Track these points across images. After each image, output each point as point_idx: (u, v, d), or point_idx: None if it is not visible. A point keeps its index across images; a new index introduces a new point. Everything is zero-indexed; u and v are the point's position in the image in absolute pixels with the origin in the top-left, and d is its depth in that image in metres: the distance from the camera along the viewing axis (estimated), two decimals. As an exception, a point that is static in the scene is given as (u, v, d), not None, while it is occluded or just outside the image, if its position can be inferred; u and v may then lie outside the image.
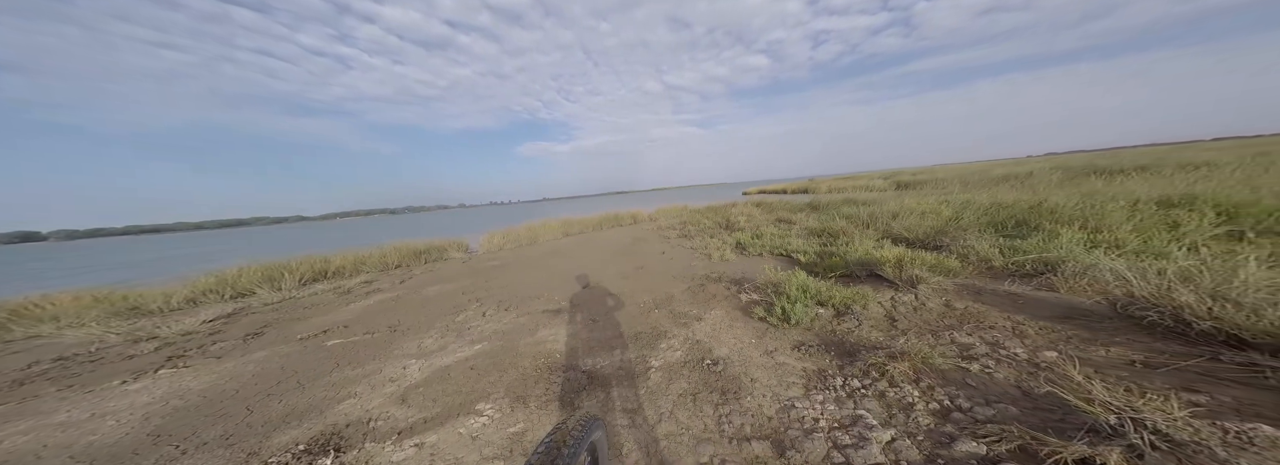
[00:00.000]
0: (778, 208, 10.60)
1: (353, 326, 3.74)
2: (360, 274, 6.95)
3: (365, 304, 4.67)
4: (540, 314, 3.57)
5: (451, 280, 5.64)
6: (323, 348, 3.18)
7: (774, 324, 2.72)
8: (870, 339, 2.35)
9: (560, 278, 5.08)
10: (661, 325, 2.98)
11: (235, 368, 2.86)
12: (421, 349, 2.96)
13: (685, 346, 2.54)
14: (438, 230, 16.32)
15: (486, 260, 7.49)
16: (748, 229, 7.36)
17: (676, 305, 3.44)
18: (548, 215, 13.77)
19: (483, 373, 2.46)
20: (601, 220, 12.48)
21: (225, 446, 1.82)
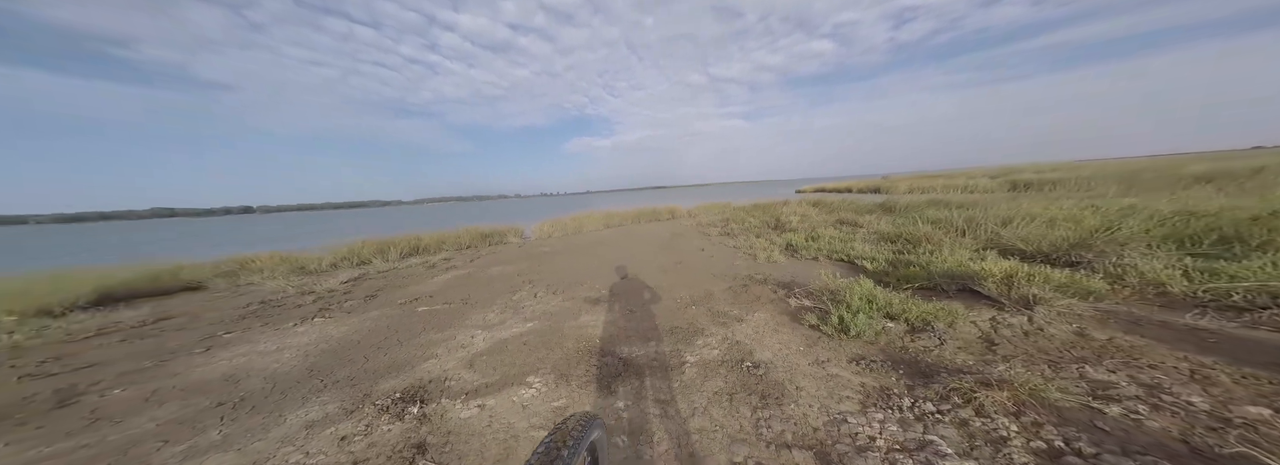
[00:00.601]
0: (839, 208, 9.37)
1: (436, 297, 4.37)
2: (441, 252, 7.94)
3: (445, 278, 5.37)
4: (583, 300, 3.78)
5: (510, 263, 6.18)
6: (414, 313, 3.79)
7: (828, 334, 2.49)
8: (954, 361, 2.05)
9: (602, 267, 5.33)
10: (699, 322, 2.91)
11: (358, 323, 3.52)
12: (485, 322, 3.41)
13: (723, 346, 2.46)
14: (498, 217, 17.45)
15: (538, 246, 8.03)
16: (801, 230, 6.64)
17: (716, 304, 3.30)
18: (590, 207, 14.18)
19: (533, 348, 2.68)
20: (640, 214, 12.55)
21: (350, 386, 2.29)
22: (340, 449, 1.67)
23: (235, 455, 1.64)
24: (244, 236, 19.75)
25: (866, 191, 21.48)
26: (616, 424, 1.75)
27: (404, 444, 1.70)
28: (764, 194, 23.24)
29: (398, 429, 1.81)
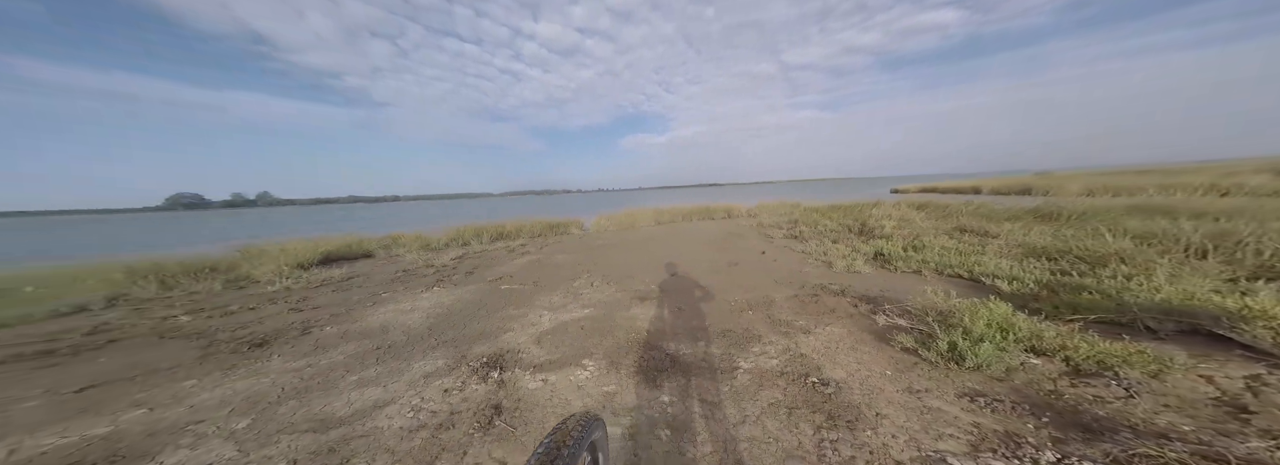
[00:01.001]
0: (958, 212, 7.45)
1: (515, 277, 5.05)
2: (519, 238, 8.97)
3: (522, 261, 6.12)
4: (633, 293, 3.88)
5: (571, 252, 6.71)
6: (499, 290, 4.47)
7: (931, 361, 2.11)
8: (1150, 422, 1.57)
9: (652, 263, 5.42)
10: (755, 328, 2.74)
11: (461, 294, 4.28)
12: (551, 304, 3.84)
13: (783, 356, 2.29)
14: (563, 209, 18.58)
15: (595, 239, 8.52)
16: (898, 237, 5.50)
17: (777, 312, 3.08)
18: (643, 203, 14.28)
19: (589, 334, 2.86)
20: (692, 211, 12.14)
21: (453, 346, 2.81)
22: (443, 399, 2.09)
23: (380, 390, 2.20)
24: (393, 219, 25.65)
25: (1010, 192, 16.31)
26: (660, 416, 1.77)
27: (486, 403, 1.99)
28: (843, 193, 20.02)
29: (483, 389, 2.12)
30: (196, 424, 1.86)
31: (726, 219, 11.57)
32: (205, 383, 2.33)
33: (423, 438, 1.73)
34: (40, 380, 2.44)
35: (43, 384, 2.38)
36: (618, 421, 1.79)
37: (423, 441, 1.70)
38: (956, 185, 22.81)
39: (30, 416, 1.97)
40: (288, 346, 2.92)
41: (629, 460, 1.51)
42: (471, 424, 1.83)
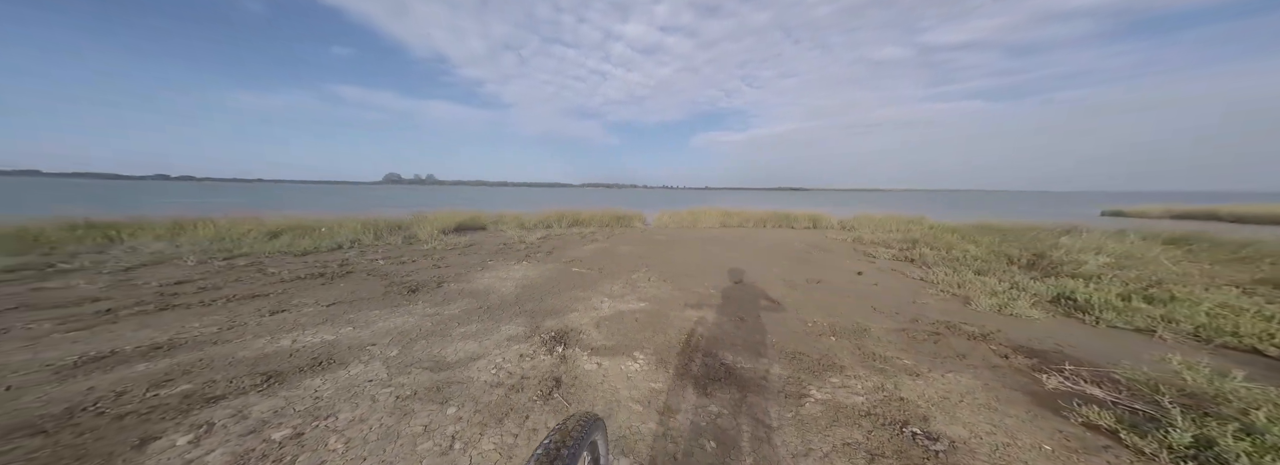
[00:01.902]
0: None
1: (584, 261, 5.44)
2: (590, 226, 9.59)
3: (591, 248, 6.53)
4: (691, 294, 3.74)
5: (633, 244, 6.85)
6: (570, 271, 4.89)
7: (1144, 451, 1.48)
8: None
9: (714, 266, 5.12)
10: (837, 357, 2.36)
11: (542, 270, 4.82)
12: (611, 292, 4.01)
13: (873, 395, 1.91)
14: (628, 202, 19.02)
15: (657, 234, 8.50)
16: (1116, 279, 3.79)
17: (872, 343, 2.57)
18: (709, 203, 13.43)
19: (642, 326, 2.84)
20: (767, 217, 10.86)
21: (530, 317, 3.15)
22: (518, 362, 2.36)
23: (475, 344, 2.61)
24: (502, 201, 30.63)
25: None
26: (708, 426, 1.66)
27: (549, 374, 2.11)
28: (998, 210, 15.03)
29: (548, 361, 2.25)
30: (371, 345, 2.55)
31: (810, 229, 10.07)
32: (381, 314, 3.18)
33: (499, 394, 1.99)
34: (314, 294, 3.67)
35: (313, 296, 3.58)
36: (661, 421, 1.75)
37: (498, 398, 1.96)
38: (1255, 210, 13.73)
39: (306, 320, 3.03)
40: (428, 295, 3.77)
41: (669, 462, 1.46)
42: (536, 391, 2.02)
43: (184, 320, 2.88)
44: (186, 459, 1.40)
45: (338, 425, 1.65)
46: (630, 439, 1.62)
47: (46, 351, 2.27)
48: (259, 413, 1.72)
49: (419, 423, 1.71)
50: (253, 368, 2.13)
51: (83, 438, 1.49)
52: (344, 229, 7.16)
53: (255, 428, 1.61)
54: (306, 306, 3.26)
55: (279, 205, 9.47)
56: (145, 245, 5.51)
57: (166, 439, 1.50)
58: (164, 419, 1.63)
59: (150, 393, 1.84)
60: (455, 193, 57.75)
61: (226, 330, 2.69)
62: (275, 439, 1.54)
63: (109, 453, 1.42)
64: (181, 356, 2.25)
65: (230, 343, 2.49)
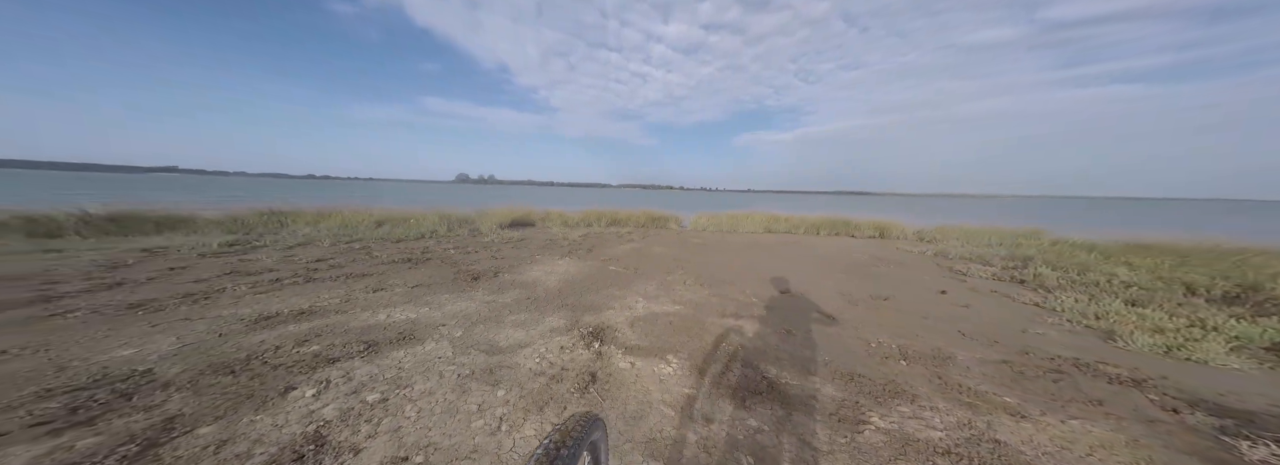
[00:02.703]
0: None
1: (620, 260, 5.49)
2: (626, 226, 9.65)
3: (627, 247, 6.56)
4: (730, 301, 3.53)
5: (668, 246, 6.72)
6: (607, 269, 4.97)
7: None
8: None
9: (756, 273, 4.79)
10: (907, 384, 2.03)
11: (582, 267, 4.96)
12: (646, 292, 3.99)
13: (957, 431, 1.63)
14: (665, 204, 17.91)
15: (693, 237, 8.21)
16: None
17: (957, 373, 2.18)
18: (751, 207, 12.46)
19: (677, 330, 2.74)
20: (821, 223, 9.66)
21: (571, 311, 3.26)
22: (559, 353, 2.45)
23: (523, 332, 2.78)
24: (547, 199, 32.49)
25: None
26: (745, 441, 1.57)
27: (586, 369, 2.13)
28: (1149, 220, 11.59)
29: (585, 355, 2.30)
30: (442, 326, 2.89)
31: (876, 239, 8.79)
32: (450, 298, 3.59)
33: (541, 383, 2.09)
34: (402, 276, 4.30)
35: (402, 278, 4.19)
36: (695, 429, 1.68)
37: (540, 386, 2.06)
38: None
39: (397, 299, 3.56)
40: (486, 283, 4.15)
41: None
42: (573, 383, 2.08)
43: (319, 291, 3.56)
44: (310, 409, 1.72)
45: (413, 395, 1.89)
46: (660, 443, 1.58)
47: (242, 308, 2.98)
48: (360, 376, 2.04)
49: (474, 401, 1.88)
50: (359, 336, 2.54)
51: (252, 381, 1.93)
52: (426, 221, 8.23)
53: (356, 389, 1.92)
54: (397, 287, 3.81)
55: (379, 200, 11.23)
56: (299, 230, 6.97)
57: (300, 390, 1.87)
58: (300, 373, 2.03)
59: (294, 349, 2.30)
60: (511, 191, 63.55)
61: (344, 302, 3.27)
62: (368, 401, 1.82)
63: (265, 396, 1.80)
64: (315, 321, 2.78)
65: (345, 313, 3.01)
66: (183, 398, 1.72)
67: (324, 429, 1.57)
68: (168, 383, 1.84)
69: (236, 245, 5.50)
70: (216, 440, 1.46)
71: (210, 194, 22.15)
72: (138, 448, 1.38)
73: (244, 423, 1.57)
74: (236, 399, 1.74)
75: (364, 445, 1.49)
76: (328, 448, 1.46)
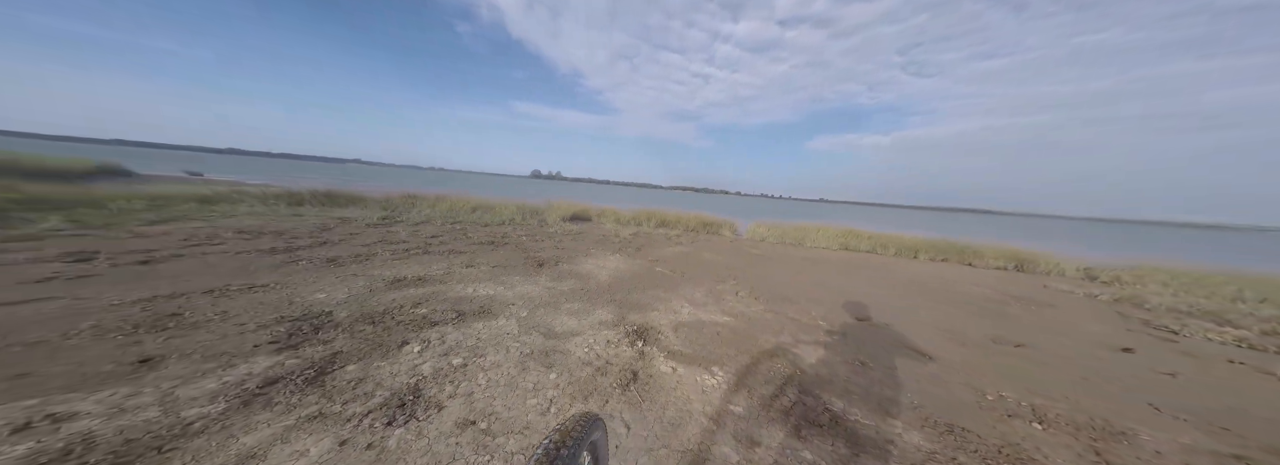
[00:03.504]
0: None
1: (667, 263, 5.35)
2: (675, 228, 9.42)
3: (674, 250, 6.38)
4: (790, 319, 3.16)
5: (720, 253, 6.32)
6: (654, 270, 4.90)
7: None
8: None
9: (827, 294, 4.16)
10: (1039, 453, 1.57)
11: (631, 265, 5.00)
12: (692, 299, 3.80)
13: None
14: (719, 209, 16.64)
15: (750, 247, 7.53)
16: None
17: (1127, 455, 1.61)
18: (825, 219, 10.66)
19: (725, 342, 2.56)
20: (920, 245, 7.88)
21: (618, 307, 3.31)
22: (605, 347, 2.49)
23: (575, 321, 2.90)
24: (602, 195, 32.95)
25: None
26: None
27: (629, 367, 2.13)
28: None
29: (629, 353, 2.31)
30: (512, 304, 3.22)
31: (1009, 272, 6.92)
32: (520, 280, 3.98)
33: (587, 373, 2.14)
34: (487, 256, 4.98)
35: (487, 258, 4.85)
36: (737, 449, 1.53)
37: (587, 375, 2.12)
38: None
39: (481, 276, 4.14)
40: (550, 270, 4.50)
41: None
42: (616, 378, 2.08)
43: (431, 262, 4.35)
44: (414, 363, 2.08)
45: (485, 365, 2.13)
46: (697, 456, 1.46)
47: (385, 270, 3.82)
48: (451, 340, 2.40)
49: (531, 380, 2.02)
50: (452, 305, 3.00)
51: (384, 332, 2.43)
52: (506, 210, 9.38)
53: (446, 351, 2.25)
54: (483, 265, 4.40)
55: (474, 189, 13.20)
56: (423, 211, 8.70)
57: (410, 346, 2.28)
58: (412, 330, 2.48)
59: (411, 309, 2.84)
60: (572, 187, 68.30)
61: (446, 274, 3.91)
62: (454, 364, 2.11)
63: (387, 346, 2.25)
64: (426, 288, 3.39)
65: (445, 284, 3.59)
66: (344, 339, 2.26)
67: (421, 383, 1.87)
68: (337, 324, 2.44)
69: (386, 219, 7.13)
70: (356, 377, 1.87)
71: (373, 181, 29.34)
72: (314, 373, 1.85)
73: (374, 366, 1.98)
74: (372, 345, 2.21)
75: (445, 403, 1.72)
76: (421, 400, 1.74)
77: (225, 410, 1.49)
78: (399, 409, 1.65)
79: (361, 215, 7.15)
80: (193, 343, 1.98)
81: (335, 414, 1.55)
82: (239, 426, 1.41)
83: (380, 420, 1.55)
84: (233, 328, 2.19)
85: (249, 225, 5.35)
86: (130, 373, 1.67)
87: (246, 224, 5.41)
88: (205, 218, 5.61)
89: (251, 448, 1.32)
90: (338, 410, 1.58)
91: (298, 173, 28.70)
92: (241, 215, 6.11)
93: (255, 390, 1.63)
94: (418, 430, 1.52)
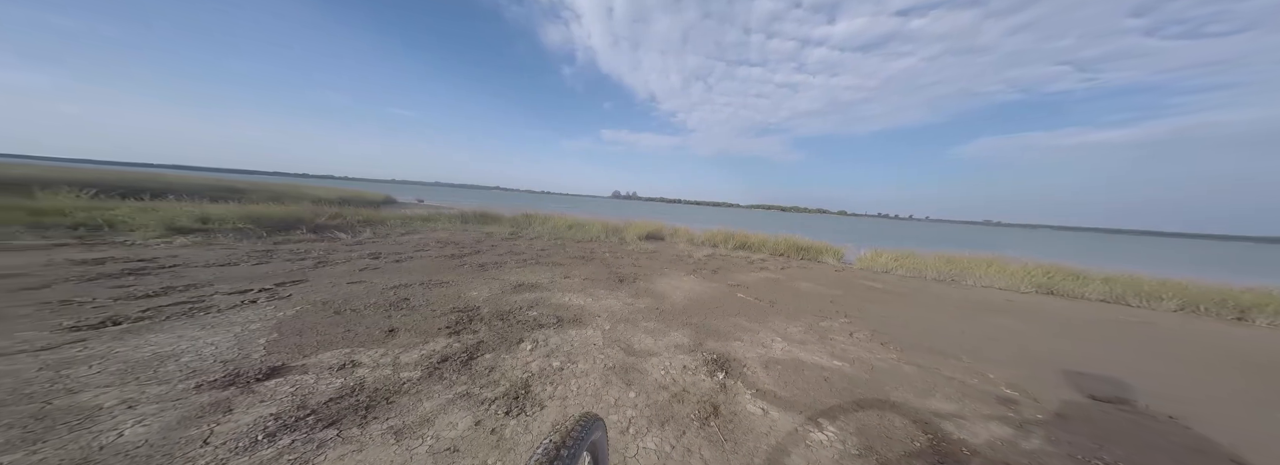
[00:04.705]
0: None
1: (751, 289, 4.70)
2: (760, 253, 8.35)
3: (759, 276, 5.59)
4: (945, 379, 2.32)
5: (820, 283, 5.23)
6: (734, 296, 4.36)
7: None
8: None
9: (1017, 354, 2.90)
10: None
11: (707, 288, 4.64)
12: (787, 334, 3.15)
13: None
14: (815, 231, 14.05)
15: (863, 277, 5.99)
16: None
17: None
18: (990, 248, 7.31)
19: (836, 392, 2.07)
20: (1193, 294, 4.77)
21: (695, 330, 3.07)
22: (681, 373, 2.28)
23: (652, 340, 2.80)
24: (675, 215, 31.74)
25: None
26: None
27: (708, 398, 1.93)
28: None
29: (707, 384, 2.09)
30: (597, 317, 3.37)
31: None
32: (605, 294, 4.20)
33: (664, 397, 1.98)
34: (579, 269, 5.46)
35: (579, 272, 5.34)
36: None
37: (663, 401, 1.95)
38: None
39: (575, 286, 4.58)
40: (628, 287, 4.64)
41: None
42: (694, 410, 1.86)
43: (541, 272, 5.15)
44: (526, 361, 2.38)
45: (576, 371, 2.24)
46: None
47: (511, 276, 4.73)
48: (552, 343, 2.66)
49: (612, 394, 1.99)
50: (554, 311, 3.39)
51: (509, 328, 2.91)
52: (593, 227, 10.47)
53: (549, 353, 2.50)
54: (577, 277, 4.91)
55: (568, 209, 15.29)
56: (536, 228, 10.66)
57: (525, 343, 2.64)
58: (526, 330, 2.89)
59: (527, 311, 3.35)
60: (647, 207, 71.45)
61: (550, 282, 4.53)
62: (554, 366, 2.31)
63: (510, 341, 2.66)
64: (536, 293, 3.99)
65: (549, 291, 4.14)
66: (485, 330, 2.82)
67: (530, 380, 2.10)
68: (483, 317, 3.08)
69: (513, 235, 9.03)
70: (490, 366, 2.25)
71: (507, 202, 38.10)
72: (467, 357, 2.34)
73: (501, 358, 2.36)
74: (501, 338, 2.67)
75: (546, 403, 1.85)
76: (529, 396, 1.93)
77: (420, 377, 2.01)
78: (514, 401, 1.87)
79: (498, 231, 9.31)
80: (412, 321, 2.84)
81: (475, 395, 1.88)
82: (424, 393, 1.85)
83: (501, 409, 1.78)
84: (430, 312, 3.06)
85: (443, 237, 7.68)
86: (384, 339, 2.49)
87: (442, 236, 7.79)
88: (424, 230, 8.43)
89: (427, 413, 1.70)
90: (476, 392, 1.91)
91: (466, 197, 40.47)
92: (440, 230, 8.90)
93: (435, 364, 2.16)
94: (525, 424, 1.67)
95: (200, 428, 1.41)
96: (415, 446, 1.43)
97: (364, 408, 1.64)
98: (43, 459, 1.18)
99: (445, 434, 1.54)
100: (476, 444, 1.48)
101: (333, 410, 1.60)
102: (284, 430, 1.44)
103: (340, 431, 1.47)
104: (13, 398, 1.46)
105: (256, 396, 1.63)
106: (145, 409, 1.48)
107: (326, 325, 2.53)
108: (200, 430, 1.40)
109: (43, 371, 1.66)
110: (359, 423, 1.54)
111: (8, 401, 1.43)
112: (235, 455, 1.28)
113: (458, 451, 1.40)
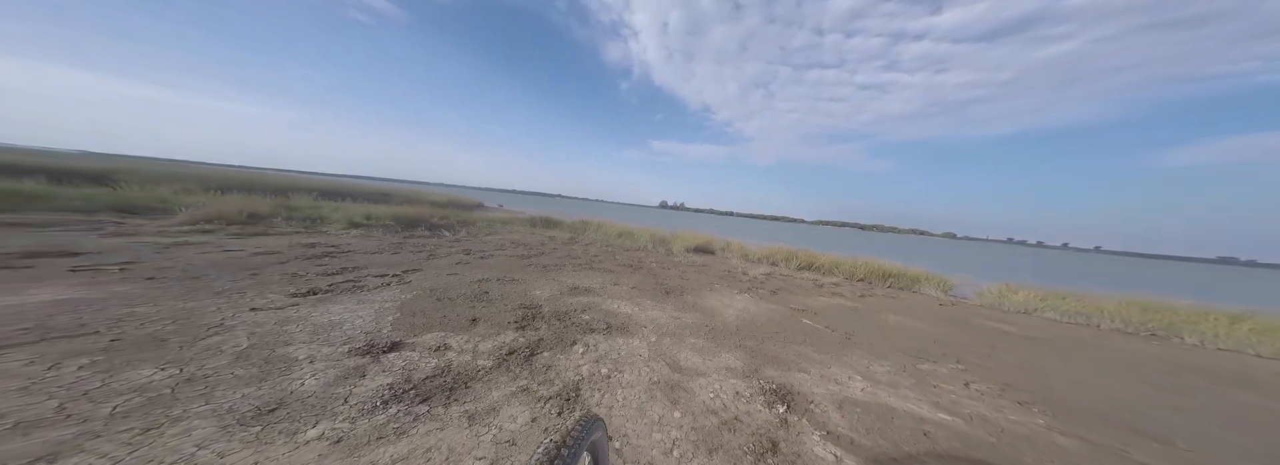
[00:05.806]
0: None
1: (820, 315, 3.96)
2: (833, 276, 7.07)
3: (830, 301, 4.72)
4: (1111, 451, 1.64)
5: (918, 318, 4.16)
6: (799, 321, 3.71)
7: None
8: None
9: (1247, 434, 1.72)
10: None
11: (763, 309, 4.12)
12: (870, 373, 2.50)
13: None
14: (906, 257, 10.62)
15: (984, 316, 4.55)
16: None
17: None
18: (1238, 299, 5.40)
19: (942, 454, 1.62)
20: None
21: (750, 354, 2.69)
22: (733, 399, 2.00)
23: (700, 359, 2.54)
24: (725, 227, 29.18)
25: None
26: None
27: (765, 433, 1.69)
28: None
29: (764, 416, 1.85)
30: (644, 327, 3.25)
31: None
32: (651, 304, 4.06)
33: (713, 423, 1.75)
34: (627, 278, 5.54)
35: (627, 280, 5.42)
36: None
37: (712, 427, 1.72)
38: None
39: (622, 294, 4.60)
40: (674, 300, 4.42)
41: None
42: (748, 442, 1.61)
43: (593, 277, 5.34)
44: (578, 362, 2.41)
45: (622, 381, 2.16)
46: None
47: (568, 279, 5.04)
48: (602, 349, 2.66)
49: (656, 411, 1.83)
50: (604, 317, 3.42)
51: (564, 330, 3.03)
52: (641, 237, 10.54)
53: (598, 358, 2.49)
54: (625, 285, 4.94)
55: (618, 218, 15.73)
56: (591, 234, 11.30)
57: (577, 345, 2.70)
58: (580, 332, 2.97)
59: (579, 314, 3.47)
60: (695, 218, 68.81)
61: (601, 288, 4.65)
62: (602, 372, 2.27)
63: (565, 342, 2.75)
64: (589, 298, 4.12)
65: (600, 296, 4.23)
66: (545, 328, 3.00)
67: (581, 383, 2.10)
68: (543, 316, 3.31)
69: (571, 240, 9.76)
70: (547, 364, 2.35)
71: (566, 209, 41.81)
72: (528, 352, 2.50)
73: (557, 357, 2.44)
74: (557, 340, 2.79)
75: (593, 410, 1.79)
76: (578, 399, 1.91)
77: (492, 366, 2.21)
78: (566, 402, 1.87)
79: (559, 235, 10.18)
80: (489, 312, 3.23)
81: (533, 392, 1.96)
82: (493, 383, 2.02)
83: (554, 409, 1.80)
84: (503, 306, 3.43)
85: (515, 239, 8.78)
86: (468, 327, 2.88)
87: (515, 238, 8.91)
88: (502, 232, 9.80)
89: (495, 402, 1.82)
90: (535, 389, 1.99)
91: (534, 203, 45.50)
92: (514, 231, 10.24)
93: (504, 356, 2.36)
94: (574, 430, 1.63)
95: (346, 388, 1.69)
96: (482, 434, 1.52)
97: (448, 389, 1.84)
98: (262, 393, 1.59)
99: (507, 426, 1.61)
100: (531, 441, 1.50)
101: (428, 387, 1.81)
102: (393, 400, 1.64)
103: (430, 408, 1.64)
104: (263, 342, 2.05)
105: (380, 366, 1.93)
106: (319, 365, 1.85)
107: (431, 310, 3.05)
108: (345, 389, 1.67)
109: (278, 326, 2.30)
110: (443, 402, 1.70)
111: (258, 345, 2.00)
112: (361, 415, 1.51)
113: (515, 445, 1.44)
